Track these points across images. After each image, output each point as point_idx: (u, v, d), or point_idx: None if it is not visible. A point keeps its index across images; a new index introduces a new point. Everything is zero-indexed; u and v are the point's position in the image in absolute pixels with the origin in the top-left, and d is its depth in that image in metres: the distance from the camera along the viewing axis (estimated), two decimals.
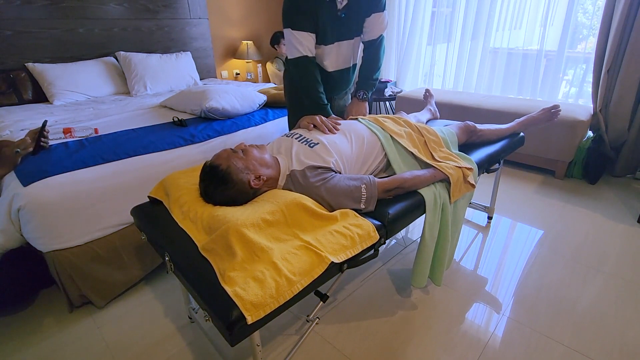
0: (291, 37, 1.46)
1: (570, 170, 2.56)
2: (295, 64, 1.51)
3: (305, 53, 1.47)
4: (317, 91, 1.53)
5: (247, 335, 0.80)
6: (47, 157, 1.51)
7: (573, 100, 2.86)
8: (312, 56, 1.49)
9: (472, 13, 3.12)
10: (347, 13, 1.48)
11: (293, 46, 1.47)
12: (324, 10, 1.44)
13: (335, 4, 1.44)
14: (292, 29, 1.44)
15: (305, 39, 1.45)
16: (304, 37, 1.45)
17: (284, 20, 1.46)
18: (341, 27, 1.51)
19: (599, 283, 1.56)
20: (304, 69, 1.51)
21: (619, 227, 1.96)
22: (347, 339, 1.33)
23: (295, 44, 1.46)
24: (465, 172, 1.32)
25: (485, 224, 2.04)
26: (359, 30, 1.58)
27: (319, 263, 0.90)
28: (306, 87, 1.54)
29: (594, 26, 2.69)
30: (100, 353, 1.30)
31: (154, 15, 3.14)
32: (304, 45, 1.46)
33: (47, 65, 2.60)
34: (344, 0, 1.44)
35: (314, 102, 1.55)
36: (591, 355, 1.23)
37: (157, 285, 1.62)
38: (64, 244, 1.39)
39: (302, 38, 1.45)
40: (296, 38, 1.45)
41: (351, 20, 1.52)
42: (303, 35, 1.44)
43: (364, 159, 1.32)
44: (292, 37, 1.45)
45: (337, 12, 1.46)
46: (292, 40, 1.46)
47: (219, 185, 1.08)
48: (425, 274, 1.35)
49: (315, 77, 1.52)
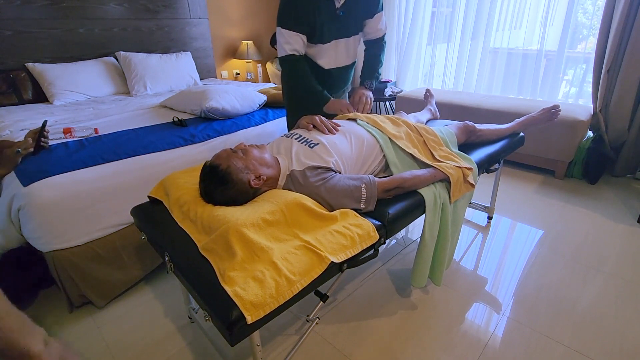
0: (280, 35, 1.48)
1: (570, 170, 2.56)
2: (284, 61, 1.53)
3: (292, 53, 1.49)
4: (309, 80, 1.54)
5: (247, 335, 0.80)
6: (47, 157, 1.51)
7: (573, 100, 2.86)
8: (300, 55, 1.52)
9: (472, 13, 3.12)
10: (345, 11, 1.49)
11: (281, 45, 1.50)
12: (322, 9, 1.44)
13: (333, 2, 1.44)
14: (282, 28, 1.46)
15: (294, 39, 1.47)
16: (292, 37, 1.47)
17: (277, 19, 1.48)
18: (339, 26, 1.51)
19: (599, 283, 1.56)
20: (292, 66, 1.53)
21: (619, 227, 1.96)
22: (347, 339, 1.33)
23: (282, 43, 1.49)
24: (465, 171, 1.32)
25: (485, 224, 2.04)
26: (357, 28, 1.59)
27: (319, 263, 0.90)
28: (298, 80, 1.55)
29: (594, 26, 2.69)
30: (100, 353, 1.30)
31: (154, 15, 3.14)
32: (291, 45, 1.48)
33: (47, 65, 2.60)
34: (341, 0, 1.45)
35: (310, 92, 1.55)
36: (591, 355, 1.23)
37: (157, 285, 1.62)
38: (64, 244, 1.39)
39: (291, 38, 1.47)
40: (284, 37, 1.47)
41: (349, 19, 1.52)
42: (292, 35, 1.46)
43: (364, 160, 1.32)
44: (281, 36, 1.48)
45: (335, 10, 1.47)
46: (281, 39, 1.49)
47: (219, 186, 1.08)
48: (425, 274, 1.35)
49: (305, 70, 1.54)
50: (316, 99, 1.55)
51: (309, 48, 1.57)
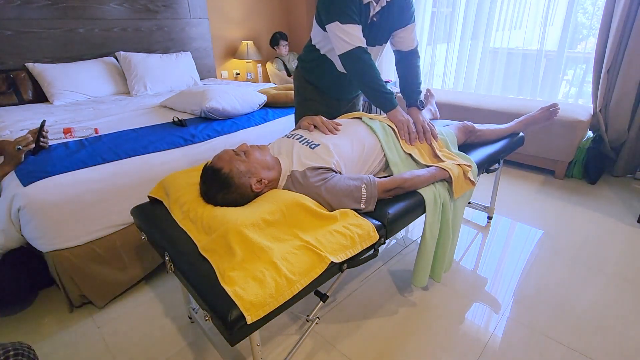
0: (339, 31, 1.35)
1: (570, 170, 2.56)
2: (350, 55, 1.37)
3: (358, 44, 1.35)
4: (377, 78, 1.40)
5: (247, 335, 0.80)
6: (47, 157, 1.51)
7: (573, 100, 2.86)
8: (365, 46, 1.38)
9: (472, 13, 3.12)
10: (378, 20, 1.43)
11: (343, 41, 1.35)
12: (360, 14, 1.38)
13: (369, 8, 1.39)
14: (340, 23, 1.33)
15: (354, 29, 1.36)
16: (353, 29, 1.35)
17: (329, 15, 1.35)
18: (369, 33, 1.44)
19: (599, 283, 1.56)
20: (359, 60, 1.38)
21: (619, 227, 1.96)
22: (347, 339, 1.33)
23: (344, 37, 1.35)
24: (464, 168, 1.33)
25: (485, 224, 2.04)
26: (384, 38, 1.53)
27: (319, 263, 0.90)
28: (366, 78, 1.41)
29: (594, 26, 2.68)
30: (100, 353, 1.30)
31: (154, 15, 3.14)
32: (354, 35, 1.35)
33: (47, 65, 2.59)
34: (377, 7, 1.39)
35: (378, 92, 1.41)
36: (591, 355, 1.23)
37: (157, 285, 1.62)
38: (64, 244, 1.39)
39: (351, 29, 1.35)
40: (345, 31, 1.35)
41: (381, 28, 1.46)
42: (353, 27, 1.35)
43: (364, 160, 1.32)
44: (340, 31, 1.35)
45: (370, 17, 1.41)
46: (341, 34, 1.35)
47: (221, 189, 1.08)
48: (426, 274, 1.35)
49: (372, 65, 1.40)
50: (383, 100, 1.43)
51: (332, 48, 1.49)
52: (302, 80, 1.69)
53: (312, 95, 1.68)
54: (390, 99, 1.42)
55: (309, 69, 1.65)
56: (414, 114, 1.51)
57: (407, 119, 1.45)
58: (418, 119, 1.48)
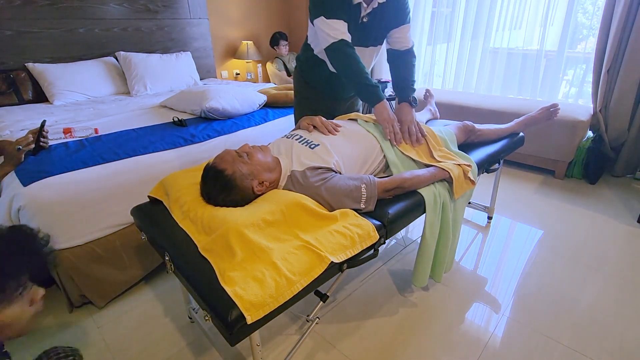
0: (324, 25, 1.34)
1: (570, 170, 2.56)
2: (333, 49, 1.36)
3: (341, 37, 1.34)
4: (361, 71, 1.37)
5: (246, 335, 0.80)
6: (47, 157, 1.51)
7: (573, 100, 2.86)
8: (349, 40, 1.36)
9: (472, 13, 3.12)
10: (369, 20, 1.41)
11: (326, 34, 1.35)
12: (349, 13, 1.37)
13: (359, 8, 1.38)
14: (325, 18, 1.33)
15: (340, 25, 1.35)
16: (337, 24, 1.35)
17: (315, 10, 1.36)
18: (359, 34, 1.43)
19: (598, 283, 1.56)
20: (341, 53, 1.36)
21: (619, 227, 1.96)
22: (347, 339, 1.33)
23: (327, 31, 1.34)
24: (464, 167, 1.33)
25: (485, 224, 2.04)
26: (378, 39, 1.51)
27: (319, 263, 0.90)
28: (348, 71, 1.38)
29: (594, 26, 2.68)
30: (100, 353, 1.30)
31: (154, 15, 3.14)
32: (338, 30, 1.34)
33: (47, 65, 2.60)
34: (368, 8, 1.38)
35: (362, 84, 1.38)
36: (591, 355, 1.23)
37: (157, 285, 1.62)
38: (64, 244, 1.39)
39: (336, 25, 1.34)
40: (329, 25, 1.34)
41: (372, 28, 1.45)
42: (337, 22, 1.34)
43: (364, 160, 1.32)
44: (325, 26, 1.34)
45: (360, 17, 1.40)
46: (325, 28, 1.34)
47: (223, 191, 1.08)
48: (426, 274, 1.35)
49: (356, 58, 1.37)
50: (367, 93, 1.39)
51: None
52: (300, 80, 1.69)
53: (311, 94, 1.68)
54: (375, 91, 1.37)
55: (305, 68, 1.65)
56: (405, 110, 1.46)
57: (392, 118, 1.40)
58: (407, 118, 1.44)
